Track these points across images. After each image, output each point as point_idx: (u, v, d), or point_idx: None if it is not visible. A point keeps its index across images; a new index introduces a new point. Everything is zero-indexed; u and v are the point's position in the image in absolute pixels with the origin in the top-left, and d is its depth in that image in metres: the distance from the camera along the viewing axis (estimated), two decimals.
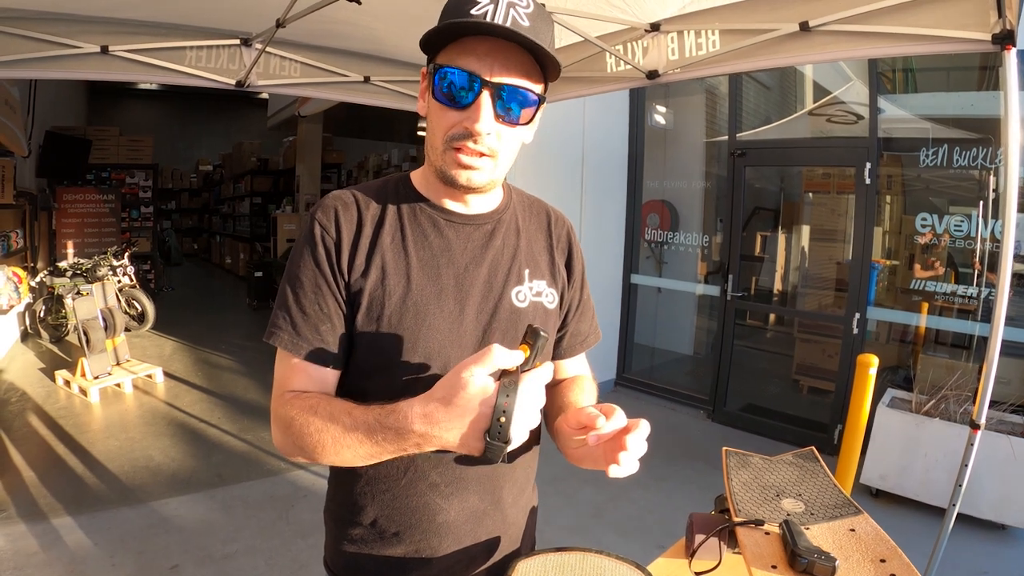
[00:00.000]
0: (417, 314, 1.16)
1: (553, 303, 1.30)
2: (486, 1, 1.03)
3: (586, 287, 1.42)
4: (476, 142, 1.08)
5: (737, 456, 1.61)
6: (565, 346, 1.39)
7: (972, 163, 4.90)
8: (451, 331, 1.18)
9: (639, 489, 4.61)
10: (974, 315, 5.00)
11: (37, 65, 3.41)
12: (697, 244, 6.88)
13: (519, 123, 1.11)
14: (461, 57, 1.06)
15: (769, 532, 1.28)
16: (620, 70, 3.58)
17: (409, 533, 1.23)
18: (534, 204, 1.39)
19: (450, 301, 1.19)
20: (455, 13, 1.05)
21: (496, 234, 1.26)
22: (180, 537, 3.81)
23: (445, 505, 1.22)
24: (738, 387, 6.33)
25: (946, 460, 4.20)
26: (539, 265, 1.30)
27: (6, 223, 7.87)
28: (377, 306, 1.16)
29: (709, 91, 6.91)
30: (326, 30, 3.73)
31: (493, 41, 1.04)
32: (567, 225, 1.40)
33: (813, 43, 2.85)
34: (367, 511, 1.25)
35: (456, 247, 1.22)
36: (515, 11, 1.03)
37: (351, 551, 1.28)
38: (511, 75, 1.07)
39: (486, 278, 1.22)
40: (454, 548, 1.25)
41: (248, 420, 5.80)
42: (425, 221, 1.22)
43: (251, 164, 15.42)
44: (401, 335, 1.15)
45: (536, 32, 1.05)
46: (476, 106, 1.06)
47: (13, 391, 6.39)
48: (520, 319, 1.24)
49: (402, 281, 1.17)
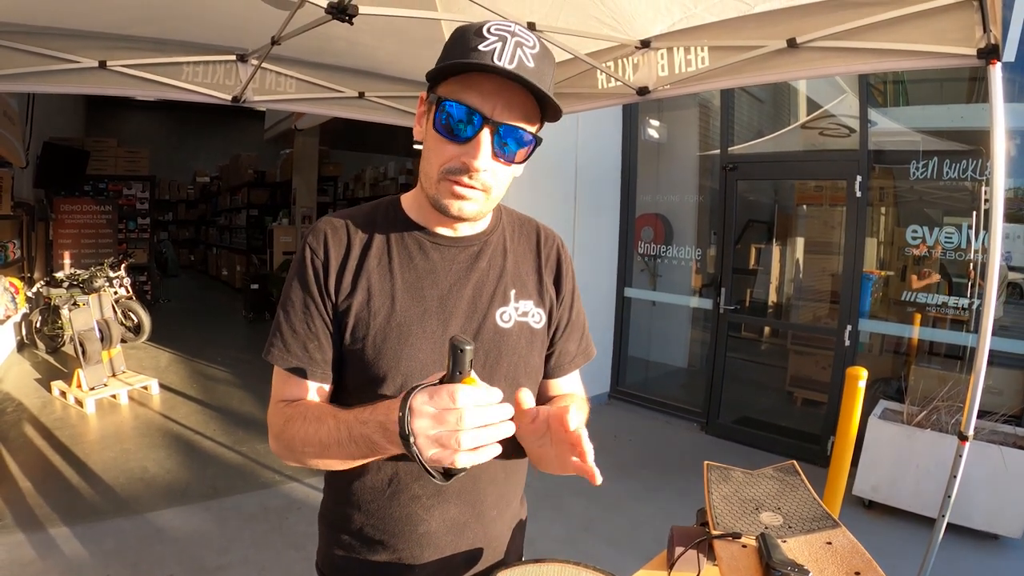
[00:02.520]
0: (400, 334, 1.19)
1: (540, 323, 1.31)
2: (494, 38, 1.05)
3: (576, 305, 1.42)
4: (472, 177, 1.11)
5: (718, 470, 1.64)
6: (553, 365, 1.39)
7: (962, 175, 4.94)
8: (433, 351, 1.20)
9: (631, 501, 4.63)
10: (966, 326, 5.02)
11: (36, 79, 3.44)
12: (691, 257, 6.90)
13: (515, 161, 1.14)
14: (465, 92, 1.08)
15: (746, 545, 1.30)
16: (611, 86, 3.61)
17: (392, 542, 1.27)
18: (525, 224, 1.40)
19: (433, 321, 1.21)
20: (463, 46, 1.07)
21: (482, 256, 1.29)
22: (175, 548, 3.81)
23: (426, 516, 1.25)
24: (731, 399, 6.34)
25: (938, 471, 4.22)
26: (526, 285, 1.32)
27: (4, 233, 7.90)
28: (363, 326, 1.20)
29: (702, 105, 6.95)
30: (321, 47, 3.77)
31: (498, 80, 1.06)
32: (557, 242, 1.41)
33: (801, 59, 2.89)
34: (355, 519, 1.30)
35: (441, 269, 1.25)
36: (522, 51, 1.05)
37: (340, 555, 1.33)
38: (512, 116, 1.09)
39: (470, 299, 1.25)
40: (435, 558, 1.28)
41: (243, 432, 5.81)
42: (412, 244, 1.25)
43: (248, 176, 15.46)
44: (385, 354, 1.19)
45: (540, 73, 1.07)
46: (476, 143, 1.08)
47: (9, 401, 6.40)
48: (504, 340, 1.26)
49: (387, 302, 1.20)
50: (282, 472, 4.89)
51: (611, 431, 6.21)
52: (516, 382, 1.25)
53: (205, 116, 19.11)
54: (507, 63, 1.03)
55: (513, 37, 1.06)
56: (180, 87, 3.75)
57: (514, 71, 1.03)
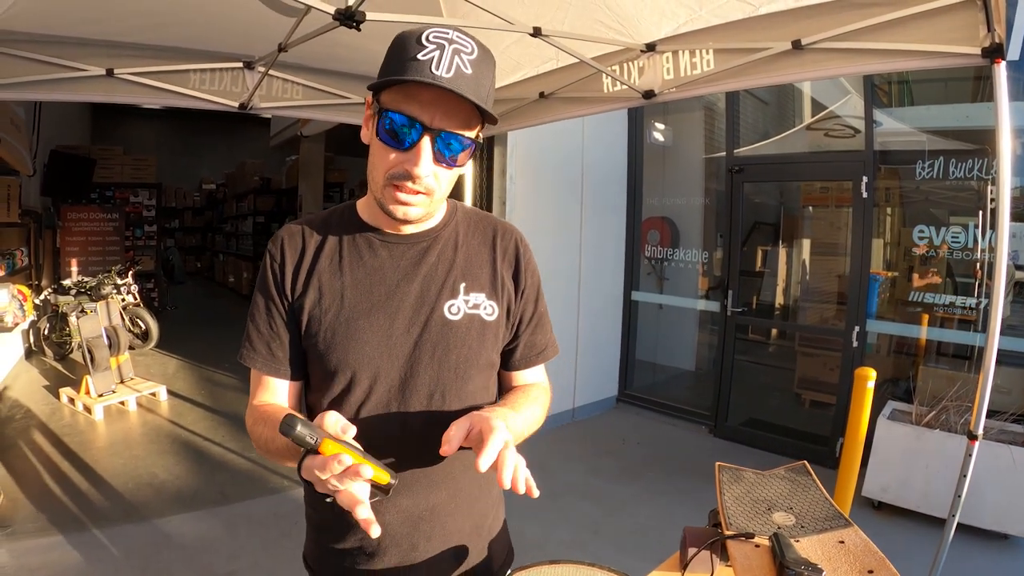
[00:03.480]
0: (348, 329, 1.26)
1: (492, 315, 1.34)
2: (432, 47, 1.08)
3: (541, 300, 1.45)
4: (415, 183, 1.16)
5: (730, 471, 1.64)
6: (519, 358, 1.43)
7: (968, 174, 4.93)
8: (380, 344, 1.26)
9: (638, 504, 4.63)
10: (974, 325, 5.01)
11: (44, 87, 3.46)
12: (697, 260, 6.90)
13: (456, 165, 1.19)
14: (405, 103, 1.12)
15: (759, 545, 1.30)
16: (616, 90, 3.61)
17: (352, 531, 1.33)
18: (481, 220, 1.44)
19: (380, 316, 1.27)
20: (402, 56, 1.11)
21: (431, 251, 1.33)
22: (183, 554, 3.83)
23: (380, 507, 1.24)
24: (739, 402, 6.33)
25: (947, 471, 4.20)
26: (478, 279, 1.35)
27: (11, 241, 7.94)
28: (315, 323, 1.28)
29: (707, 107, 6.95)
30: (327, 53, 3.78)
31: (437, 90, 1.09)
32: (515, 237, 1.43)
33: (806, 61, 2.88)
34: (318, 508, 1.38)
35: (389, 266, 1.30)
36: (459, 58, 1.09)
37: (312, 544, 1.46)
38: (451, 123, 1.13)
39: (418, 293, 1.29)
40: (392, 550, 1.31)
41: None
42: (362, 243, 1.32)
43: (254, 183, 15.48)
44: (335, 349, 1.26)
45: (477, 79, 1.11)
46: (417, 151, 1.13)
47: (18, 408, 6.43)
48: (453, 332, 1.29)
49: (336, 300, 1.28)
50: (291, 478, 4.90)
51: (619, 434, 6.21)
52: (466, 372, 1.30)
53: (210, 123, 19.15)
54: (444, 71, 1.07)
55: (451, 44, 1.09)
56: (187, 94, 3.77)
57: (451, 81, 1.07)
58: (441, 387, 1.28)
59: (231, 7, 3.23)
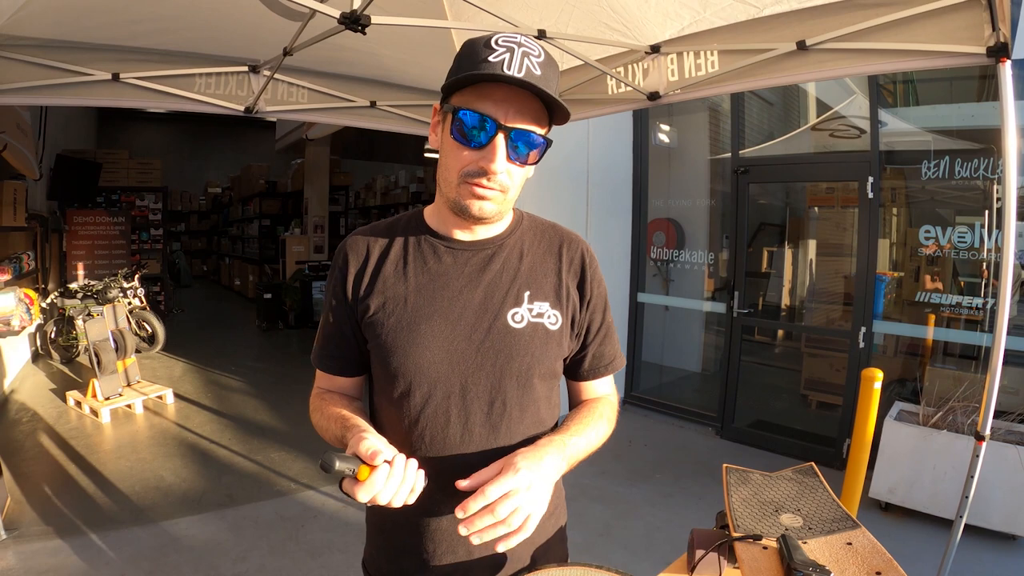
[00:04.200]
0: (411, 333, 1.28)
1: (556, 324, 1.34)
2: (502, 49, 1.14)
3: (608, 311, 1.46)
4: (490, 179, 1.19)
5: (737, 473, 1.64)
6: (587, 368, 1.44)
7: (974, 174, 4.92)
8: (441, 349, 1.27)
9: (647, 506, 4.62)
10: (981, 326, 4.99)
11: (50, 92, 3.48)
12: (703, 261, 6.90)
13: (527, 163, 1.22)
14: (479, 101, 1.16)
15: (767, 547, 1.30)
16: (621, 92, 3.61)
17: (409, 535, 1.34)
18: (547, 229, 1.44)
19: (442, 322, 1.28)
20: (473, 58, 1.16)
21: (496, 258, 1.34)
22: (191, 556, 3.83)
23: (438, 513, 1.30)
24: (746, 403, 6.32)
25: (954, 472, 4.20)
26: (542, 287, 1.35)
27: (18, 245, 7.96)
28: (379, 326, 1.30)
29: (712, 109, 6.95)
30: (332, 57, 3.80)
31: (509, 88, 1.15)
32: (581, 248, 1.43)
33: (810, 61, 2.88)
34: (377, 510, 1.36)
35: (453, 272, 1.32)
36: (529, 60, 1.14)
37: (371, 548, 1.46)
38: (523, 120, 1.17)
39: (481, 300, 1.30)
40: (449, 557, 1.32)
41: (258, 441, 5.83)
42: (427, 249, 1.34)
43: (259, 186, 15.53)
44: (396, 352, 1.28)
45: (546, 80, 1.15)
46: (492, 147, 1.17)
47: (24, 411, 6.45)
48: (516, 339, 1.30)
49: (400, 304, 1.29)
50: (298, 480, 4.91)
51: (626, 436, 6.20)
52: (528, 381, 1.31)
53: (216, 127, 19.23)
54: (516, 72, 1.12)
55: (520, 47, 1.15)
56: (193, 98, 3.78)
57: (523, 79, 1.11)
58: (502, 394, 1.29)
59: (236, 12, 3.23)
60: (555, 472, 1.17)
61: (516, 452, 1.16)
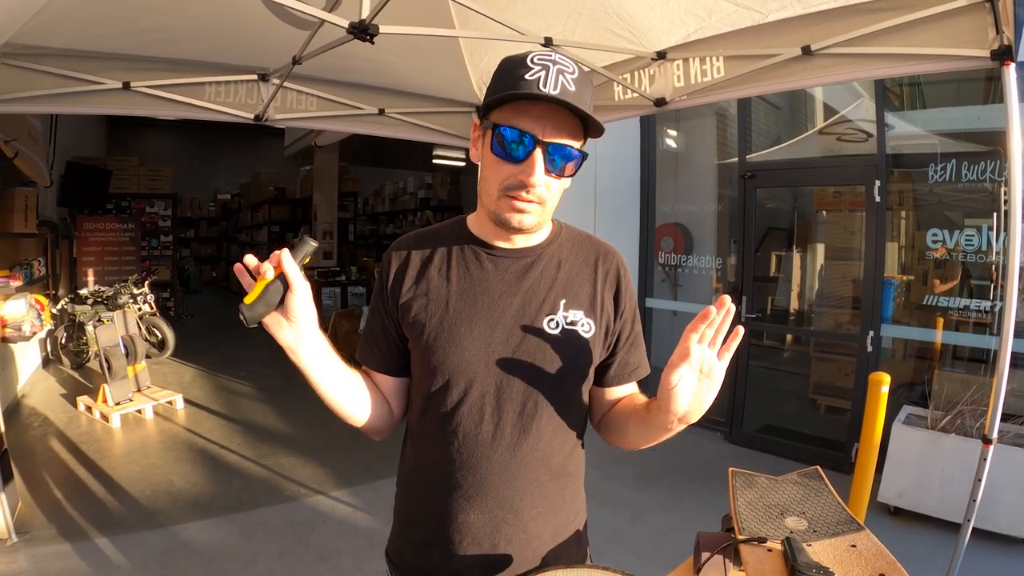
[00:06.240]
0: (451, 335, 1.33)
1: (589, 332, 1.38)
2: (538, 68, 1.20)
3: (637, 321, 1.50)
4: (529, 192, 1.25)
5: (743, 476, 1.65)
6: (613, 375, 1.47)
7: (981, 177, 4.91)
8: (478, 351, 1.33)
9: (656, 511, 4.63)
10: (989, 329, 4.98)
11: (61, 100, 3.51)
12: (711, 266, 6.90)
13: (564, 175, 1.28)
14: (516, 118, 1.22)
15: (772, 549, 1.31)
16: (628, 98, 3.63)
17: (436, 526, 1.37)
18: (584, 241, 1.52)
19: (481, 325, 1.34)
20: (510, 76, 1.22)
21: (535, 267, 1.39)
22: (200, 561, 3.85)
23: (466, 506, 1.34)
24: (754, 408, 6.31)
25: (963, 476, 4.18)
26: (577, 296, 1.40)
27: (29, 251, 8.01)
28: (420, 327, 1.36)
29: (719, 114, 6.95)
30: (341, 65, 3.82)
31: (545, 105, 1.20)
32: (617, 261, 1.50)
33: (816, 66, 2.90)
34: (407, 505, 1.47)
35: (493, 278, 1.37)
36: (564, 77, 1.19)
37: (396, 537, 1.50)
38: (560, 135, 1.23)
39: (519, 306, 1.36)
40: (473, 549, 1.35)
41: (267, 446, 5.85)
42: (470, 255, 1.40)
43: (268, 193, 15.61)
44: (436, 352, 1.34)
45: (580, 96, 1.21)
46: (530, 161, 1.22)
47: (35, 416, 6.50)
48: (550, 344, 1.35)
49: (441, 306, 1.35)
50: (307, 485, 4.93)
51: None
52: (560, 385, 1.36)
53: (225, 134, 19.29)
54: (551, 89, 1.18)
55: (555, 65, 1.20)
56: (203, 106, 3.81)
57: (559, 96, 1.17)
58: (535, 397, 1.34)
59: (246, 21, 3.26)
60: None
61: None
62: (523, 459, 1.32)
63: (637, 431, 1.39)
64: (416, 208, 14.16)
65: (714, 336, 1.21)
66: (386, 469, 5.10)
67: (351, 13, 2.46)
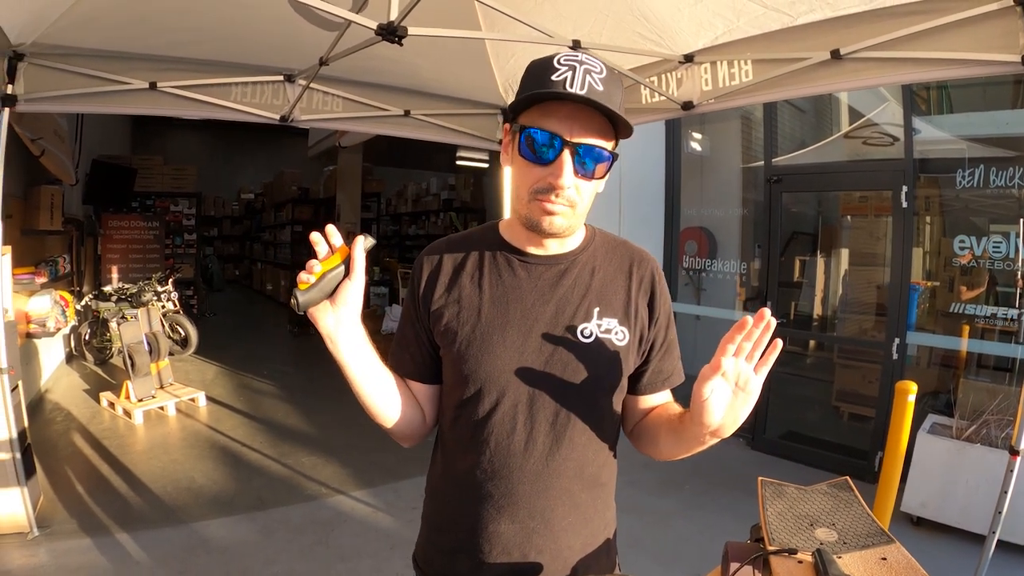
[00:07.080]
0: (483, 342, 1.31)
1: (623, 340, 1.36)
2: (564, 68, 1.18)
3: (672, 328, 1.47)
4: (558, 195, 1.23)
5: (772, 486, 1.63)
6: (646, 382, 1.44)
7: (1009, 183, 4.84)
8: (511, 359, 1.30)
9: (677, 518, 4.60)
10: (1015, 337, 4.91)
11: (89, 100, 3.56)
12: (735, 271, 6.86)
13: (595, 177, 1.26)
14: (544, 119, 1.20)
15: (802, 561, 1.30)
16: (655, 101, 3.61)
17: (466, 535, 1.35)
18: (618, 247, 1.47)
19: (514, 333, 1.31)
20: (537, 78, 1.21)
21: (568, 274, 1.37)
22: (221, 558, 3.87)
23: (497, 516, 1.32)
24: (777, 414, 6.25)
25: (988, 486, 4.11)
26: (611, 304, 1.37)
27: (54, 248, 8.12)
28: (452, 334, 1.34)
29: (744, 117, 6.91)
30: (367, 66, 3.83)
31: (573, 105, 1.18)
32: (651, 267, 1.46)
33: (845, 70, 2.87)
34: (437, 512, 1.45)
35: (526, 285, 1.35)
36: (591, 77, 1.17)
37: (424, 543, 1.48)
38: (588, 135, 1.20)
39: (552, 314, 1.33)
40: (503, 559, 1.33)
41: (289, 445, 5.87)
42: (502, 262, 1.38)
43: (292, 193, 15.67)
44: (468, 359, 1.31)
45: (609, 95, 1.18)
46: (559, 163, 1.20)
47: (58, 411, 6.57)
48: (583, 353, 1.32)
49: (474, 314, 1.34)
50: (329, 485, 4.94)
51: None
52: (593, 394, 1.34)
53: (249, 134, 19.40)
54: (578, 89, 1.15)
55: (582, 65, 1.18)
56: (229, 107, 3.84)
57: (586, 95, 1.15)
58: (567, 406, 1.31)
59: (272, 23, 3.29)
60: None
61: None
62: (556, 469, 1.30)
63: (669, 442, 1.36)
64: (439, 209, 14.16)
65: (752, 350, 1.17)
66: (407, 470, 5.12)
67: (379, 14, 2.46)
